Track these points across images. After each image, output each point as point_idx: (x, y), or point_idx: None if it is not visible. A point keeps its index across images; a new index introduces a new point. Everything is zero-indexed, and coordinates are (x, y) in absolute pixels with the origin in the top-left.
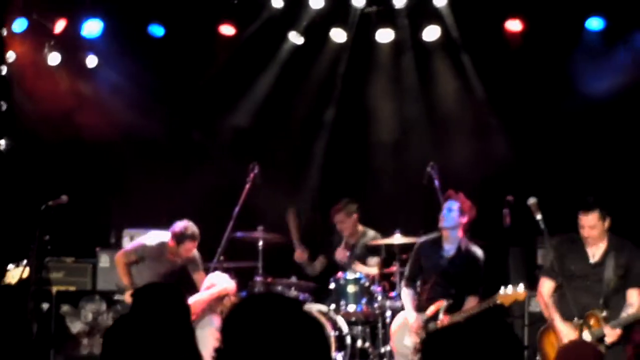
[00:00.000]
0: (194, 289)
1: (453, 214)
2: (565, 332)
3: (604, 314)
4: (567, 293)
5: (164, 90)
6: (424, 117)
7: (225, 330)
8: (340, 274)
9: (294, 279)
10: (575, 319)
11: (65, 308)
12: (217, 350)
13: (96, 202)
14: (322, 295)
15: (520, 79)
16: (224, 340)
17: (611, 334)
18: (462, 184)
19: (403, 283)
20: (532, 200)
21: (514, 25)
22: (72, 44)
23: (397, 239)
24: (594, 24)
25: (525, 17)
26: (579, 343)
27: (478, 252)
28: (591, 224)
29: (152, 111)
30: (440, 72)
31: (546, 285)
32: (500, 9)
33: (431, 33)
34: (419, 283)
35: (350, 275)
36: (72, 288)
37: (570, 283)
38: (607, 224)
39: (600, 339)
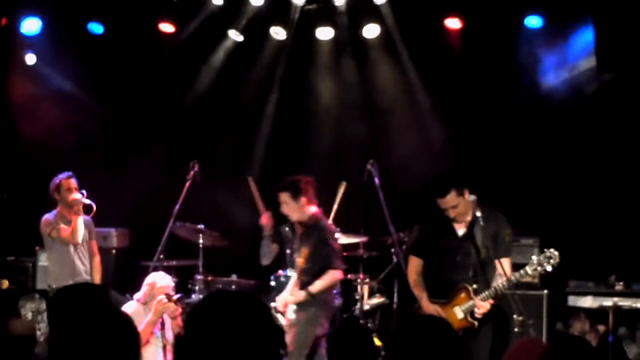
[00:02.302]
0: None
1: (286, 207)
2: (433, 312)
3: (474, 286)
4: (436, 269)
5: (103, 87)
6: (365, 114)
7: (191, 320)
8: (280, 271)
9: (234, 277)
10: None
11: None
12: (178, 337)
13: (36, 201)
14: (262, 293)
15: (459, 77)
16: (187, 328)
17: (481, 306)
18: (402, 181)
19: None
20: (471, 198)
21: (453, 23)
22: (10, 42)
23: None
24: (533, 22)
25: (464, 15)
26: (526, 340)
27: (323, 224)
28: (453, 204)
29: (91, 108)
30: (380, 70)
31: (414, 264)
32: (439, 7)
33: (371, 31)
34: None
35: (291, 273)
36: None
37: (439, 259)
38: (466, 195)
39: (471, 312)
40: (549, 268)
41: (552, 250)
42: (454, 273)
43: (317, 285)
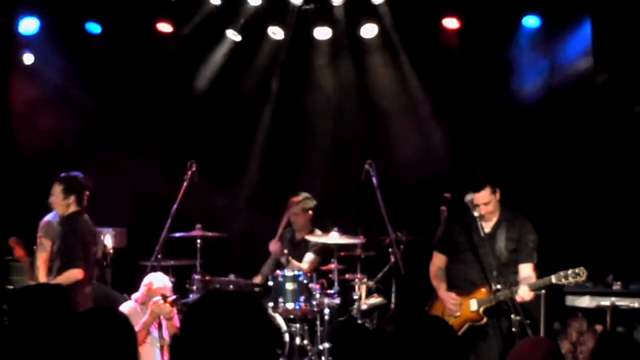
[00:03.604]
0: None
1: (54, 198)
2: (447, 298)
3: (498, 286)
4: (458, 267)
5: (100, 87)
6: (362, 114)
7: (187, 320)
8: (278, 271)
9: (232, 277)
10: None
11: (3, 306)
12: (174, 337)
13: (32, 200)
14: (260, 293)
15: (457, 76)
16: (183, 328)
17: (527, 294)
18: (400, 181)
19: None
20: (468, 197)
21: (450, 23)
22: (8, 42)
23: (335, 237)
24: (530, 21)
25: (461, 15)
26: (534, 339)
27: (75, 224)
28: (485, 201)
29: (89, 108)
30: (378, 69)
31: (437, 259)
32: (437, 7)
33: (369, 30)
34: None
35: (288, 273)
36: (9, 286)
37: (460, 256)
38: (498, 195)
39: (485, 308)
40: (572, 282)
41: (582, 268)
42: (476, 271)
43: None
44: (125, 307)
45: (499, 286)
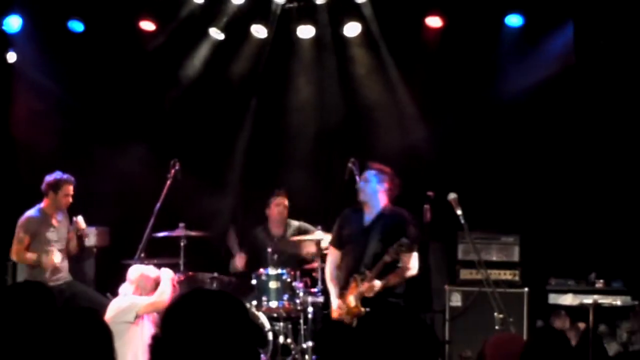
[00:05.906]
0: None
1: None
2: (334, 307)
3: (362, 276)
4: (343, 260)
5: (82, 85)
6: (345, 112)
7: (167, 319)
8: (261, 270)
9: (215, 275)
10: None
11: None
12: (154, 337)
13: (16, 199)
14: (243, 292)
15: (440, 74)
16: (163, 328)
17: (369, 288)
18: None
19: None
20: (452, 196)
21: (433, 22)
22: None
23: (319, 235)
24: (513, 20)
25: (444, 14)
26: (505, 336)
27: None
28: (365, 177)
29: (71, 106)
30: (361, 68)
31: (332, 255)
32: (420, 6)
33: (352, 29)
34: None
35: (272, 271)
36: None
37: (346, 248)
38: (385, 186)
39: (360, 300)
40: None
41: (404, 239)
42: (354, 263)
43: None
44: (125, 301)
45: (363, 276)
